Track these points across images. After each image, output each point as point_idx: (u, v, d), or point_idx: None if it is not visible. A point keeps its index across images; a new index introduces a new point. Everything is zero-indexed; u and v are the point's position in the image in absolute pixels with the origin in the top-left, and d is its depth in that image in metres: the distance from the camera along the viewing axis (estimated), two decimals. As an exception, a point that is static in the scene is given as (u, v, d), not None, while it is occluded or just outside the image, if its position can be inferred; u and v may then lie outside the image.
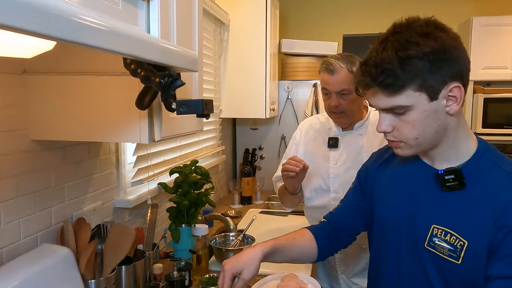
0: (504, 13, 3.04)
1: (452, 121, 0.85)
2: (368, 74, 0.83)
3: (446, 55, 0.80)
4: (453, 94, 0.82)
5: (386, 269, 1.02)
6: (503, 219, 0.80)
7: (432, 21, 0.84)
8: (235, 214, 2.41)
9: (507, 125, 2.99)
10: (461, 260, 0.84)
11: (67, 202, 1.22)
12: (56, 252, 1.03)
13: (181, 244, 1.62)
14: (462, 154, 0.89)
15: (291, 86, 2.97)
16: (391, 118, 0.87)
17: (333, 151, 1.61)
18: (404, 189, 0.98)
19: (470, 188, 0.86)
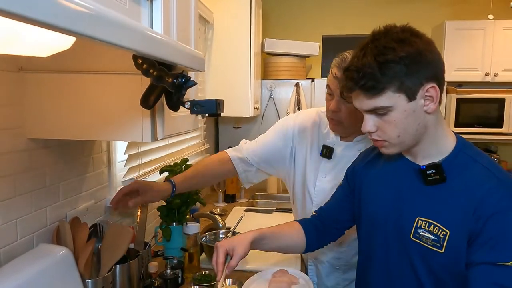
0: (475, 17, 3.20)
1: (431, 119, 0.92)
2: (351, 79, 0.90)
3: (421, 59, 0.87)
4: (429, 94, 0.88)
5: (375, 261, 1.07)
6: (481, 208, 0.87)
7: (407, 28, 0.91)
8: (220, 212, 2.43)
9: (477, 124, 3.14)
10: (444, 248, 0.90)
11: (62, 202, 1.21)
12: (55, 252, 1.01)
13: (172, 243, 1.62)
14: (442, 150, 0.95)
15: (273, 85, 3.01)
16: (374, 119, 0.93)
17: (324, 162, 1.44)
18: (390, 185, 1.04)
19: (450, 181, 0.92)
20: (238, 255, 1.08)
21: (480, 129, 3.13)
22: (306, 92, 2.97)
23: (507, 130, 3.12)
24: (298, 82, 2.94)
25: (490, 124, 3.14)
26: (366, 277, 1.12)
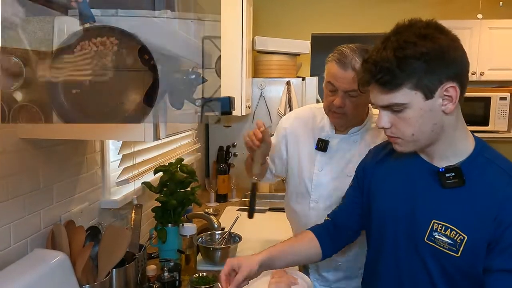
0: (464, 17, 3.24)
1: (448, 120, 0.89)
2: (368, 72, 0.88)
3: (443, 56, 0.83)
4: (448, 93, 0.85)
5: (384, 257, 1.05)
6: (502, 215, 0.84)
7: (432, 23, 0.88)
8: (213, 212, 2.39)
9: (464, 122, 3.20)
10: (460, 253, 0.88)
11: (55, 204, 1.16)
12: (51, 257, 0.97)
13: (167, 245, 1.58)
14: (460, 152, 0.93)
15: (264, 83, 2.98)
16: (389, 115, 0.91)
17: (320, 155, 1.44)
18: (402, 185, 1.01)
19: (469, 185, 0.89)
20: (242, 272, 1.04)
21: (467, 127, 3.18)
22: (297, 90, 2.95)
23: (493, 128, 3.18)
24: (289, 80, 2.93)
25: (477, 122, 3.19)
26: (375, 272, 1.10)
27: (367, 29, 3.48)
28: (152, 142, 1.80)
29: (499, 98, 3.15)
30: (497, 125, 3.18)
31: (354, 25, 3.52)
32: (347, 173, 1.42)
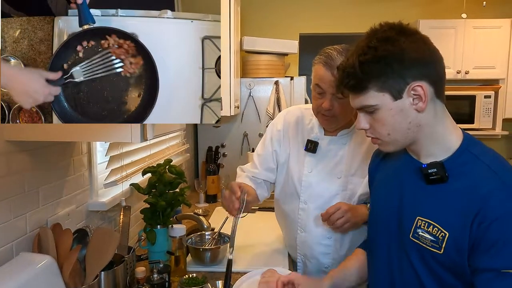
0: (449, 16, 3.29)
1: (425, 118, 0.90)
2: (339, 78, 0.95)
3: (403, 58, 0.86)
4: (416, 93, 0.87)
5: (377, 259, 1.07)
6: (484, 211, 0.83)
7: (396, 26, 0.90)
8: (203, 213, 2.39)
9: (450, 120, 3.24)
10: (443, 250, 0.88)
11: (42, 207, 1.14)
12: (37, 261, 0.95)
13: (157, 246, 1.57)
14: (446, 149, 0.93)
15: (252, 83, 2.98)
16: (366, 116, 0.95)
17: (309, 156, 1.45)
18: (393, 183, 1.03)
19: (452, 181, 0.90)
20: None
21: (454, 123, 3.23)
22: (285, 90, 2.96)
23: (478, 126, 3.24)
24: (278, 80, 2.93)
25: (462, 120, 3.24)
26: (369, 270, 1.12)
27: (354, 28, 3.51)
28: (139, 144, 1.79)
29: (483, 96, 3.21)
30: (482, 123, 3.23)
31: (341, 25, 3.55)
32: (336, 175, 1.43)
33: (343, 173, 1.43)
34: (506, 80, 3.22)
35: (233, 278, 1.41)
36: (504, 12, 3.36)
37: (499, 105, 3.24)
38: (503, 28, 3.16)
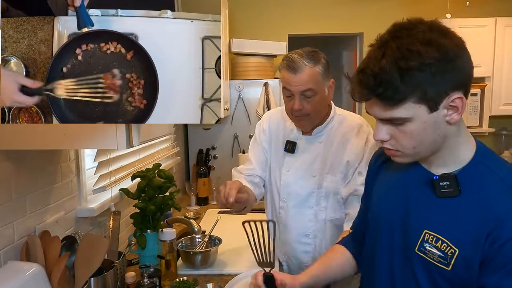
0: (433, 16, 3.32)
1: (451, 129, 0.82)
2: (366, 85, 0.78)
3: (449, 66, 0.75)
4: (454, 104, 0.78)
5: (379, 270, 1.00)
6: (498, 230, 0.78)
7: (436, 25, 0.79)
8: (194, 216, 2.39)
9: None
10: (451, 267, 0.83)
11: (29, 215, 1.14)
12: (25, 269, 0.96)
13: (147, 250, 1.57)
14: (460, 160, 0.86)
15: (242, 85, 3.00)
16: (388, 127, 0.83)
17: (288, 157, 1.51)
18: (398, 192, 0.95)
19: (465, 195, 0.83)
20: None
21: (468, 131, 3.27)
22: (274, 92, 2.98)
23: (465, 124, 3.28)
24: (267, 81, 2.95)
25: (450, 118, 3.29)
26: (370, 279, 1.05)
27: (343, 29, 3.54)
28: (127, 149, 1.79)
29: (470, 95, 3.25)
30: (469, 121, 3.28)
31: (330, 26, 3.57)
32: (311, 173, 1.47)
33: (317, 171, 1.47)
34: (492, 78, 3.27)
35: (224, 280, 1.43)
36: (486, 11, 3.41)
37: (486, 103, 3.28)
38: (488, 27, 3.21)
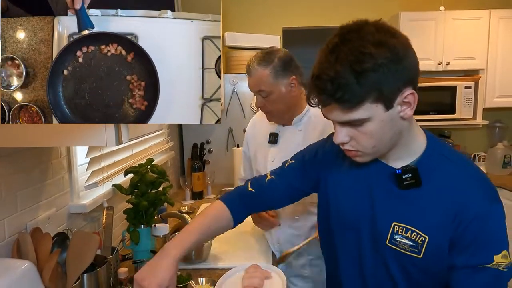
0: (427, 8, 3.33)
1: (405, 124, 0.86)
2: (323, 90, 0.80)
3: (400, 64, 0.79)
4: (407, 100, 0.82)
5: (347, 263, 1.02)
6: (461, 214, 0.83)
7: (382, 26, 0.81)
8: (189, 210, 2.40)
9: (432, 111, 3.29)
10: (423, 254, 0.86)
11: (20, 212, 1.14)
12: (16, 267, 0.96)
13: (141, 246, 1.57)
14: (413, 151, 0.90)
15: (236, 79, 2.99)
16: (348, 129, 0.86)
17: (272, 147, 1.62)
18: (361, 187, 0.97)
19: (426, 184, 0.87)
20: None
21: (434, 115, 3.28)
22: (269, 85, 2.97)
23: (459, 116, 3.29)
24: (261, 75, 2.94)
25: (444, 111, 3.29)
26: (337, 277, 1.07)
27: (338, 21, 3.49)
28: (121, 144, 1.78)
29: (464, 87, 3.26)
30: (463, 113, 3.29)
31: (325, 18, 3.56)
32: None
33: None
34: (486, 70, 3.28)
35: (217, 274, 1.43)
36: (480, 3, 3.41)
37: (479, 95, 3.29)
38: (482, 20, 3.21)
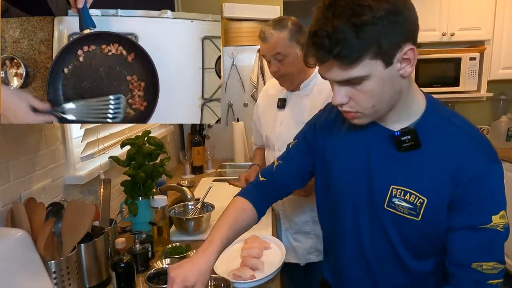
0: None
1: (405, 83, 0.84)
2: (321, 47, 0.77)
3: (399, 17, 0.76)
4: (407, 56, 0.79)
5: (344, 230, 1.01)
6: (461, 174, 0.82)
7: None
8: (188, 184, 2.39)
9: (435, 84, 3.23)
10: (421, 216, 0.86)
11: (13, 182, 1.12)
12: (9, 235, 0.94)
13: (139, 217, 1.57)
14: (412, 113, 0.89)
15: (235, 52, 2.92)
16: (346, 89, 0.83)
17: (280, 112, 1.71)
18: (358, 151, 0.95)
19: (425, 146, 0.86)
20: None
21: (438, 88, 3.22)
22: (269, 58, 2.91)
23: (463, 89, 3.23)
24: (260, 48, 2.87)
25: (448, 83, 3.23)
26: (335, 244, 1.06)
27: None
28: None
29: (469, 59, 3.18)
30: (467, 85, 3.22)
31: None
32: (302, 121, 1.51)
33: (306, 120, 1.49)
34: (492, 41, 3.19)
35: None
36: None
37: (484, 66, 3.22)
38: (489, -12, 3.11)
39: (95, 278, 1.24)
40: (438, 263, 0.92)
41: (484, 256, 0.83)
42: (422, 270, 0.94)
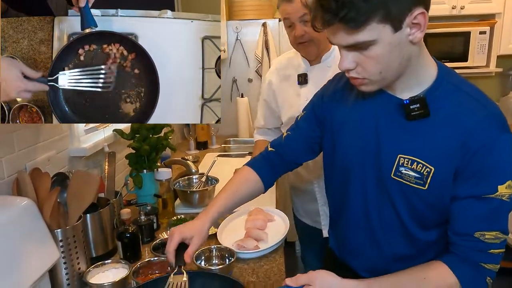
0: None
1: (414, 50, 0.81)
2: (328, 9, 0.75)
3: None
4: (417, 21, 0.76)
5: (351, 200, 1.01)
6: (470, 141, 0.80)
7: None
8: (193, 159, 2.39)
9: (444, 58, 3.16)
10: (428, 185, 0.85)
11: (18, 153, 1.12)
12: (15, 203, 0.95)
13: (144, 190, 1.58)
14: (423, 81, 0.86)
15: (240, 26, 2.87)
16: (353, 54, 0.81)
17: (303, 88, 1.58)
18: (366, 120, 0.94)
19: (434, 115, 0.84)
20: (195, 245, 0.97)
21: (446, 63, 3.13)
22: (274, 33, 2.86)
23: (471, 64, 3.16)
24: (265, 22, 2.82)
25: (456, 58, 3.16)
26: (342, 214, 1.06)
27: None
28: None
29: (478, 33, 3.10)
30: (476, 61, 3.15)
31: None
32: None
33: None
34: (503, 14, 3.10)
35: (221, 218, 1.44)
36: None
37: (494, 41, 3.14)
38: (502, -42, 2.99)
39: (102, 247, 1.26)
40: (442, 233, 0.91)
41: (487, 225, 0.82)
42: (426, 240, 0.94)
